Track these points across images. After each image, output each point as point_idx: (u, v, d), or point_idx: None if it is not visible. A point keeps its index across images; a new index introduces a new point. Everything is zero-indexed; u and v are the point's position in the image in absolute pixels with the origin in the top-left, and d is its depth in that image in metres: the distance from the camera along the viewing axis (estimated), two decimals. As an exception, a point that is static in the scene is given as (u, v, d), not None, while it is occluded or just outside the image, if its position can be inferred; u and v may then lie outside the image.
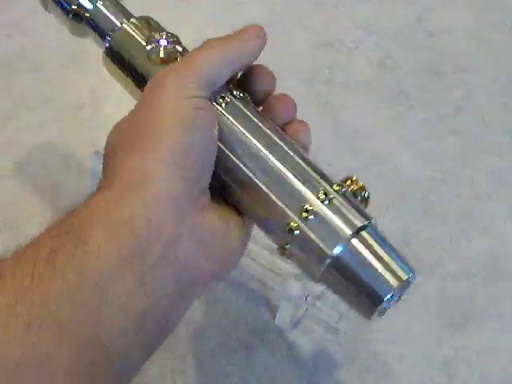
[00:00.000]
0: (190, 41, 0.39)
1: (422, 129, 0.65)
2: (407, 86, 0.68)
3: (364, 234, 0.32)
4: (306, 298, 0.49)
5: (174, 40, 0.39)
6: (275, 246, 0.35)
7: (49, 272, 0.28)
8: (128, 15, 0.42)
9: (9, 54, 0.67)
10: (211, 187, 0.34)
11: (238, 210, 0.36)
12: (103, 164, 0.34)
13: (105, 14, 0.42)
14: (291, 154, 0.35)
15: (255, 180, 0.34)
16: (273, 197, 0.34)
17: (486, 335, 0.52)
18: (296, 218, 0.33)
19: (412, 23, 0.75)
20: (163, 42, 0.38)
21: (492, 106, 0.68)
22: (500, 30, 0.74)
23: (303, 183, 0.34)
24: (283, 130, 0.37)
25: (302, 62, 0.70)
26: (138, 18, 0.41)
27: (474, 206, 0.60)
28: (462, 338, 0.51)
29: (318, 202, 0.33)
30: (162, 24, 0.42)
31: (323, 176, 0.35)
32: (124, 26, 0.40)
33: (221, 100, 0.35)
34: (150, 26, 0.41)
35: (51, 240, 0.30)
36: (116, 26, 0.41)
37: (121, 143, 0.34)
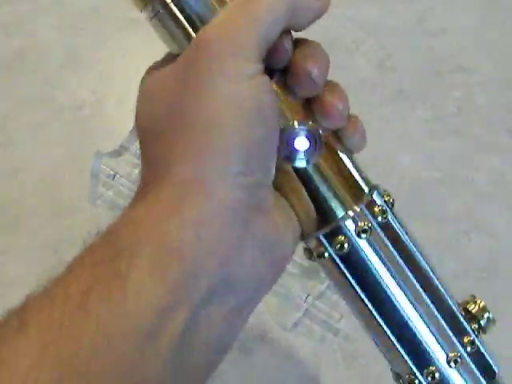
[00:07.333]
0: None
1: (421, 129, 0.65)
2: (407, 85, 0.68)
3: None
4: (306, 298, 0.49)
5: None
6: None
7: (80, 317, 0.24)
8: None
9: (9, 53, 0.68)
10: None
11: (296, 205, 0.30)
12: (141, 153, 0.28)
13: None
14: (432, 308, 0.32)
15: (385, 328, 0.32)
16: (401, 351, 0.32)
17: (486, 335, 0.52)
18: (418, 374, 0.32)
19: (412, 23, 0.75)
20: None
21: (492, 106, 0.68)
22: (500, 30, 0.74)
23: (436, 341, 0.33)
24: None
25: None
26: None
27: (474, 206, 0.60)
28: (461, 338, 0.51)
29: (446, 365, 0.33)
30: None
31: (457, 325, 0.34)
32: None
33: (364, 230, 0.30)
34: None
35: (87, 271, 0.25)
36: None
37: (160, 129, 0.27)
